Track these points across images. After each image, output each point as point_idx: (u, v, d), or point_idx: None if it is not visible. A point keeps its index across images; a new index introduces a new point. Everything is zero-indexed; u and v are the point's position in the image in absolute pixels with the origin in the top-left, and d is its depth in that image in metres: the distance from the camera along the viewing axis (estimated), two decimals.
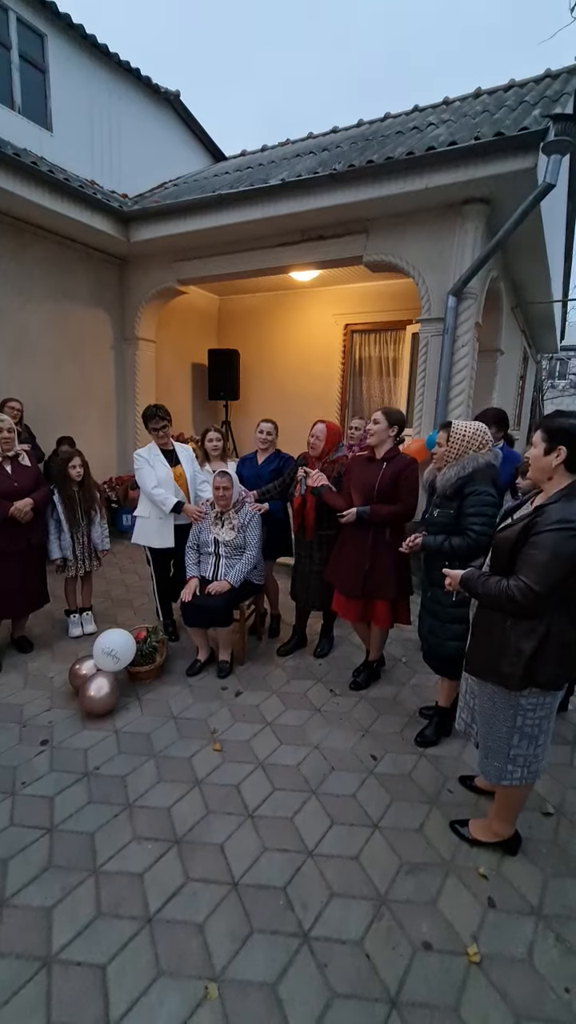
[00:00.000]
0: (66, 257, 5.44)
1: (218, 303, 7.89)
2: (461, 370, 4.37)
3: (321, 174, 4.20)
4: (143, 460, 3.56)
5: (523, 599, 1.57)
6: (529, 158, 3.53)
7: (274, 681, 3.21)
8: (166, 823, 2.10)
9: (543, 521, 1.57)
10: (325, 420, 3.30)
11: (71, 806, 2.18)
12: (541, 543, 1.56)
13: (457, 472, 2.29)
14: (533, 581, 1.55)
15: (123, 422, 6.36)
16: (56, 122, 5.64)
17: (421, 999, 1.50)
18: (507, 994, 1.52)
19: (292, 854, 1.97)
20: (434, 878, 1.89)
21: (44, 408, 5.27)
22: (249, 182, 4.80)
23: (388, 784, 2.35)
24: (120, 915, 1.72)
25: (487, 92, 5.72)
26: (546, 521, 1.56)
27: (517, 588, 1.58)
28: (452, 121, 4.68)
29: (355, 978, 1.55)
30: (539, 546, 1.56)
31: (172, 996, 1.49)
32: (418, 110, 6.22)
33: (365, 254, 4.69)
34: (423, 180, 3.93)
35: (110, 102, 6.26)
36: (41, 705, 2.89)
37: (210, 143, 8.18)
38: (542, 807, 2.24)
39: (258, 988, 1.52)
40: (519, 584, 1.58)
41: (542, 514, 1.59)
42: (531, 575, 1.56)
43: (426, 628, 2.52)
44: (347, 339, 7.04)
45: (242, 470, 3.73)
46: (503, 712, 1.77)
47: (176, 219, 5.11)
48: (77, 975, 1.54)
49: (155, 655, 3.17)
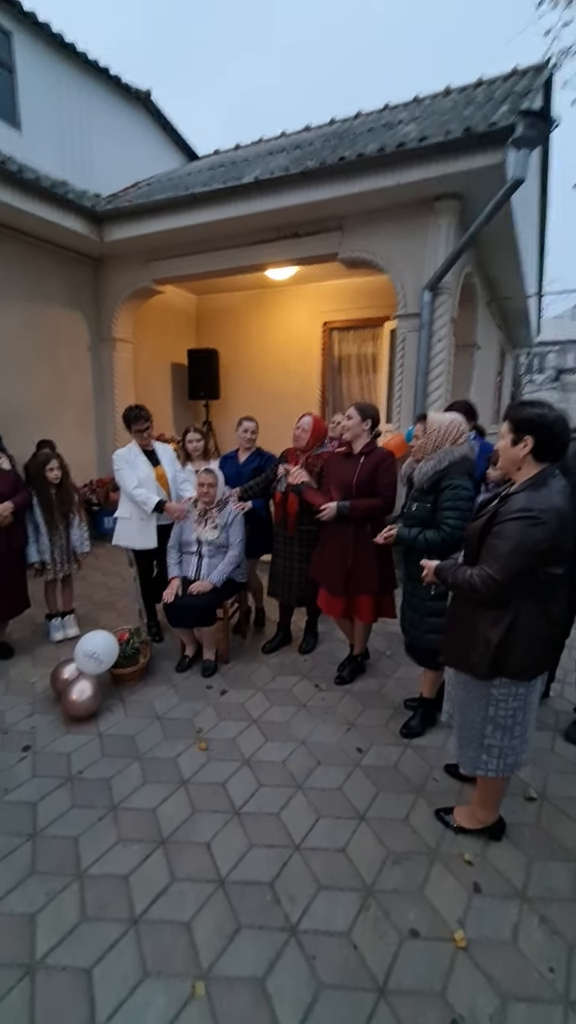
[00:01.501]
0: (39, 258, 5.36)
1: (196, 302, 7.85)
2: (438, 365, 4.41)
3: (294, 172, 4.21)
4: (123, 460, 3.52)
5: (485, 588, 1.59)
6: (498, 153, 3.57)
7: (259, 678, 3.21)
8: (151, 824, 2.09)
9: (506, 510, 1.58)
10: (312, 413, 3.30)
11: (54, 811, 2.15)
12: (503, 532, 1.57)
13: (433, 466, 2.30)
14: (495, 570, 1.57)
15: (102, 424, 6.29)
16: (25, 120, 5.56)
17: (408, 986, 1.51)
18: (493, 976, 1.54)
19: (279, 849, 1.97)
20: (420, 866, 1.90)
21: (18, 411, 5.19)
22: (223, 180, 4.78)
23: (374, 776, 2.36)
24: (105, 918, 1.70)
25: (457, 90, 5.80)
26: (509, 510, 1.58)
27: (479, 577, 1.60)
28: (423, 118, 4.73)
29: (343, 969, 1.56)
30: (501, 535, 1.58)
31: (159, 996, 1.48)
32: (389, 108, 6.27)
33: (340, 251, 4.71)
34: (395, 176, 3.95)
35: (80, 101, 6.19)
36: (23, 711, 2.85)
37: (183, 143, 8.14)
38: (525, 792, 2.27)
39: (246, 983, 1.52)
40: (481, 573, 1.60)
41: (507, 503, 1.61)
42: (493, 564, 1.58)
43: (407, 621, 2.53)
44: (326, 336, 7.05)
45: (223, 468, 3.71)
46: (476, 702, 1.78)
47: (150, 218, 5.07)
48: (62, 980, 1.52)
49: (138, 656, 3.14)
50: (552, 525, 1.55)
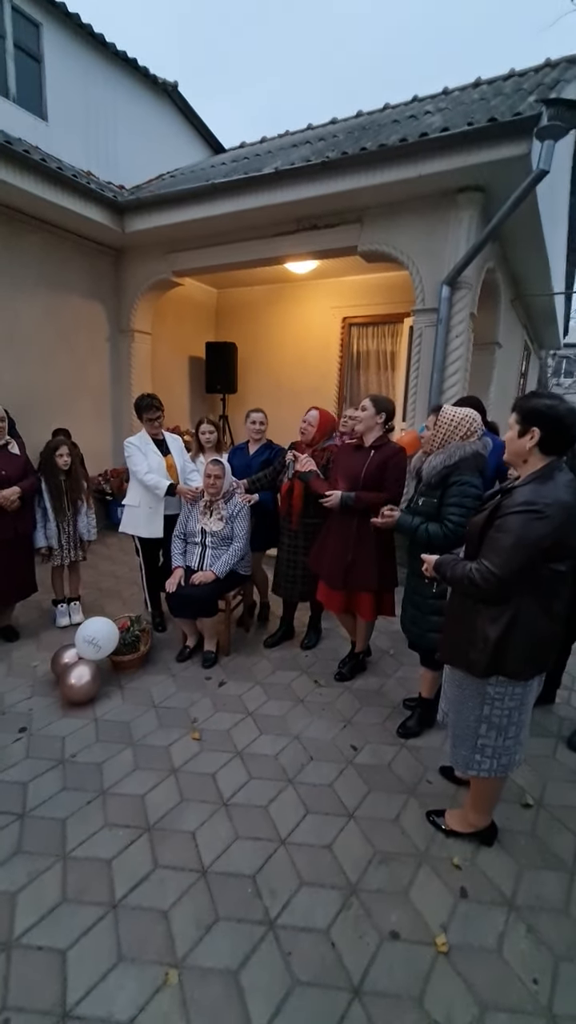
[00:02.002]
0: (60, 247, 5.42)
1: (216, 296, 7.86)
2: (455, 361, 4.32)
3: (314, 162, 4.16)
4: (134, 447, 3.53)
5: (484, 584, 1.53)
6: (523, 144, 3.47)
7: (259, 672, 3.19)
8: (139, 810, 2.08)
9: (509, 503, 1.53)
10: (319, 407, 3.27)
11: (44, 793, 2.16)
12: (505, 526, 1.52)
13: (443, 460, 2.25)
14: (495, 565, 1.51)
15: (118, 414, 6.34)
16: (51, 112, 5.61)
17: (384, 988, 1.47)
18: (473, 984, 1.49)
19: (264, 842, 1.95)
20: (407, 868, 1.86)
21: (37, 398, 5.26)
22: (243, 171, 4.75)
23: (366, 774, 2.32)
24: (85, 901, 1.70)
25: (487, 82, 5.66)
26: (512, 503, 1.52)
27: (478, 572, 1.55)
28: (449, 109, 4.63)
29: (318, 966, 1.53)
30: (503, 529, 1.52)
31: (131, 982, 1.47)
32: (417, 100, 6.17)
33: (360, 244, 4.64)
34: (416, 168, 3.87)
35: (106, 92, 6.23)
36: (23, 693, 2.88)
37: (209, 135, 8.14)
38: (522, 799, 2.20)
39: (219, 975, 1.50)
40: (480, 568, 1.54)
41: (510, 496, 1.55)
42: (494, 559, 1.52)
43: (408, 619, 2.49)
44: (345, 332, 6.99)
45: (232, 460, 3.70)
46: (471, 700, 1.73)
47: (170, 209, 5.07)
48: (37, 959, 1.52)
49: (139, 644, 3.15)
50: (556, 520, 1.49)
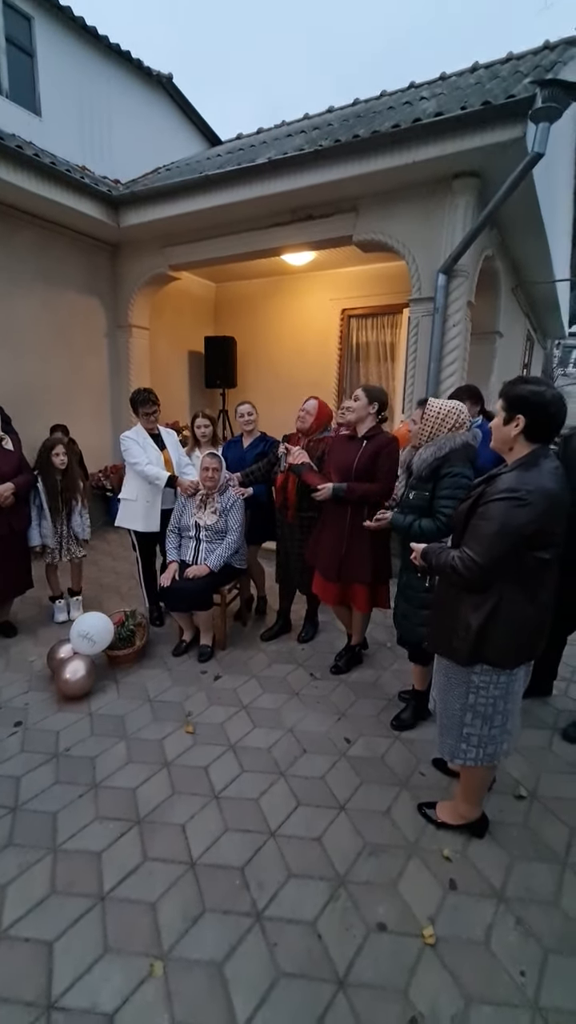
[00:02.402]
0: (56, 243, 5.40)
1: (214, 290, 7.82)
2: (452, 351, 4.26)
3: (307, 151, 4.10)
4: (131, 440, 3.52)
5: (466, 571, 1.51)
6: (517, 127, 3.40)
7: (255, 665, 3.18)
8: (130, 803, 2.09)
9: (492, 491, 1.50)
10: (317, 397, 3.24)
11: (37, 786, 2.17)
12: (487, 513, 1.49)
13: (433, 452, 2.22)
14: (477, 553, 1.49)
15: (117, 411, 6.33)
16: (45, 107, 5.57)
17: (369, 980, 1.47)
18: (459, 976, 1.48)
19: (253, 835, 1.95)
20: (396, 860, 1.85)
21: (35, 394, 5.26)
22: (237, 162, 4.71)
23: (359, 767, 2.31)
24: (73, 893, 1.71)
25: (484, 66, 5.56)
26: (495, 490, 1.49)
27: (460, 560, 1.52)
28: (444, 94, 4.55)
29: (304, 958, 1.52)
30: (485, 516, 1.50)
31: (116, 973, 1.48)
32: (414, 86, 6.06)
33: (355, 233, 4.59)
34: (410, 154, 3.81)
35: (100, 86, 6.18)
36: (19, 688, 2.90)
37: (205, 128, 8.07)
38: (515, 790, 2.19)
39: (204, 967, 1.50)
40: (463, 556, 1.52)
41: (493, 483, 1.52)
42: (475, 547, 1.50)
43: (400, 612, 2.46)
44: (344, 324, 6.93)
45: (227, 453, 3.69)
46: (456, 688, 1.71)
47: (164, 202, 5.03)
48: (23, 951, 1.53)
49: (134, 639, 3.15)
50: (539, 507, 1.46)
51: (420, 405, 2.39)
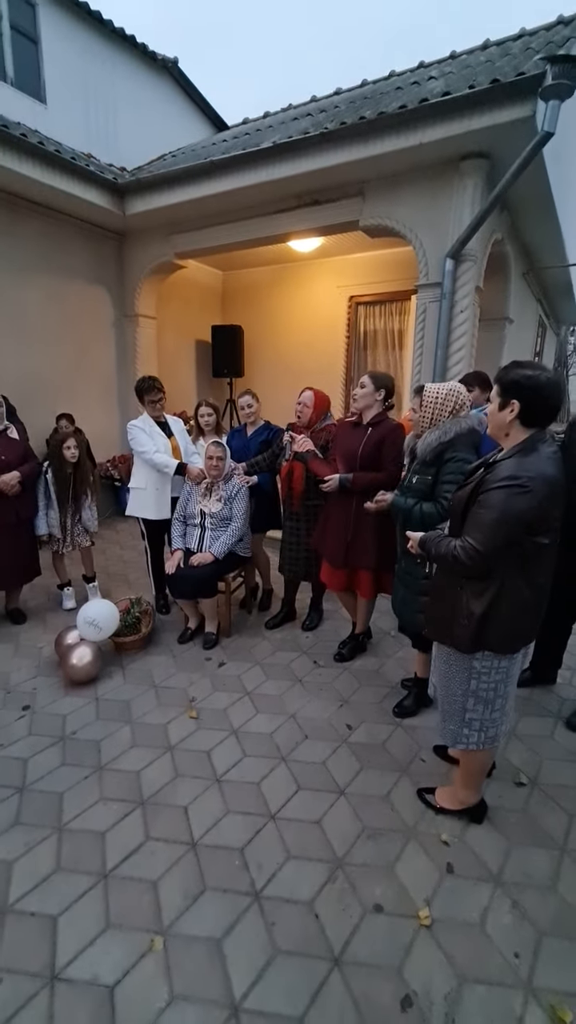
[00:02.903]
0: (62, 232, 5.40)
1: (221, 278, 7.77)
2: (460, 337, 4.21)
3: (312, 134, 4.04)
4: (139, 429, 3.53)
5: (468, 559, 1.51)
6: (527, 106, 3.31)
7: (259, 652, 3.21)
8: (134, 785, 2.13)
9: (492, 478, 1.49)
10: (312, 387, 3.23)
11: (44, 768, 2.22)
12: (488, 501, 1.48)
13: (438, 437, 2.20)
14: (478, 541, 1.49)
15: (124, 400, 6.36)
16: (50, 94, 5.55)
17: (364, 958, 1.49)
18: (454, 957, 1.50)
19: (254, 817, 1.98)
20: (394, 843, 1.87)
21: (42, 384, 5.29)
22: (242, 147, 4.65)
23: (360, 753, 2.33)
24: (77, 870, 1.76)
25: (495, 43, 5.42)
26: (495, 478, 1.48)
27: (462, 548, 1.52)
28: (453, 73, 4.44)
29: (301, 937, 1.55)
30: (486, 504, 1.49)
31: (117, 947, 1.52)
32: (423, 66, 5.94)
33: (361, 218, 4.52)
34: (417, 135, 3.74)
35: (105, 72, 6.13)
36: (27, 673, 2.95)
37: (212, 112, 7.97)
38: (516, 777, 2.19)
39: (203, 942, 1.54)
40: (464, 544, 1.52)
41: (493, 471, 1.51)
42: (476, 535, 1.49)
43: (399, 599, 2.46)
44: (352, 311, 6.86)
45: (231, 442, 3.69)
46: (458, 675, 1.72)
47: (170, 189, 5.00)
48: (29, 924, 1.58)
49: (139, 625, 3.19)
50: (539, 494, 1.45)
51: (417, 393, 2.37)
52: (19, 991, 1.40)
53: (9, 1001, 1.38)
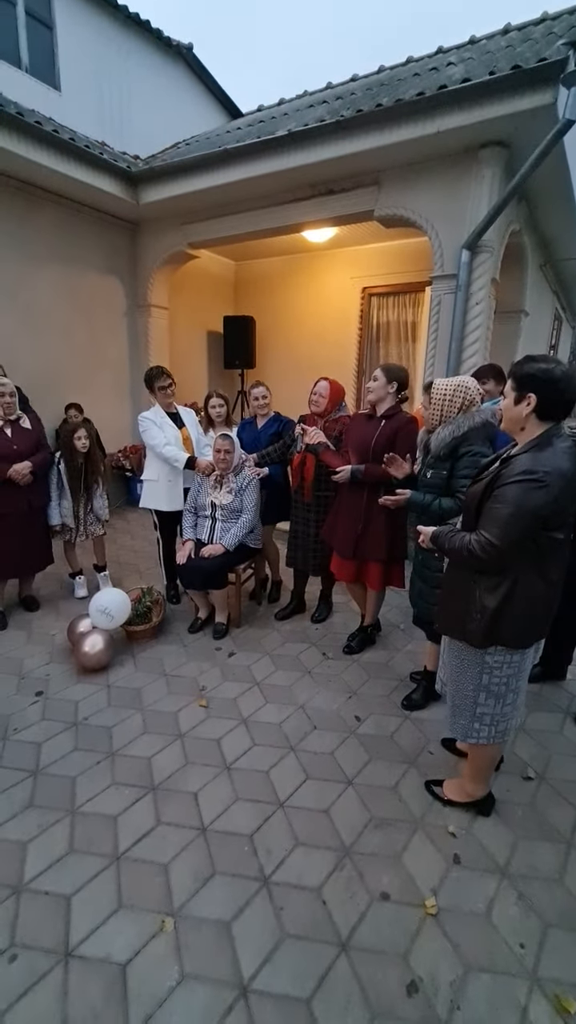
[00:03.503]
0: (76, 221, 5.40)
1: (234, 268, 7.74)
2: (474, 330, 4.16)
3: (328, 122, 3.99)
4: (150, 421, 3.54)
5: (484, 554, 1.50)
6: (548, 93, 3.25)
7: (268, 643, 3.23)
8: (145, 771, 2.17)
9: (508, 473, 1.49)
10: (328, 377, 3.22)
11: (57, 752, 2.27)
12: (504, 496, 1.48)
13: (452, 431, 2.20)
14: (494, 536, 1.48)
15: (136, 391, 6.37)
16: (64, 81, 5.53)
17: (371, 945, 1.52)
18: (459, 945, 1.52)
19: (263, 804, 2.01)
20: (402, 834, 1.89)
21: (55, 374, 5.32)
22: (257, 135, 4.61)
23: (368, 744, 2.35)
24: (90, 852, 1.80)
25: (516, 28, 5.28)
26: (511, 473, 1.48)
27: (478, 543, 1.52)
28: (472, 59, 4.36)
29: (308, 922, 1.58)
30: (502, 499, 1.48)
31: (129, 927, 1.55)
32: (442, 51, 5.82)
33: (376, 208, 4.47)
34: (435, 123, 3.68)
35: (119, 58, 6.09)
36: (41, 659, 3.00)
37: (226, 99, 7.89)
38: (523, 771, 2.20)
39: (213, 924, 1.57)
40: (480, 539, 1.51)
41: (509, 465, 1.51)
42: (492, 529, 1.49)
43: (416, 591, 2.47)
44: (365, 303, 6.80)
45: (242, 434, 3.69)
46: (470, 670, 1.72)
47: (183, 178, 4.97)
48: (43, 903, 1.62)
49: (151, 615, 3.23)
50: (555, 488, 1.45)
51: (426, 390, 2.36)
52: (35, 967, 1.44)
53: (25, 976, 1.42)
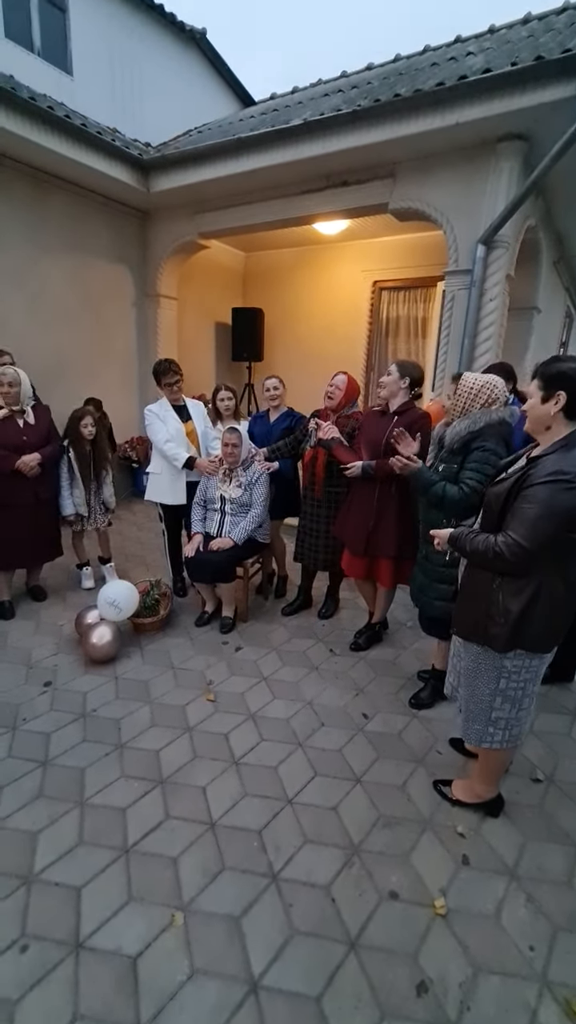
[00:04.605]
0: (86, 209, 5.34)
1: (243, 259, 7.67)
2: (488, 327, 4.12)
3: (344, 111, 3.93)
4: (154, 415, 3.53)
5: (512, 556, 1.49)
6: (571, 85, 3.19)
7: (275, 639, 3.23)
8: (154, 764, 2.17)
9: (537, 473, 1.47)
10: (347, 372, 3.20)
11: (66, 743, 2.27)
12: (533, 496, 1.46)
13: (468, 426, 2.17)
14: (523, 537, 1.46)
15: (144, 381, 6.33)
16: (77, 66, 5.46)
17: (380, 943, 1.52)
18: (468, 946, 1.52)
19: (271, 800, 2.01)
20: (410, 833, 1.89)
21: (63, 363, 5.29)
22: (271, 124, 4.55)
23: (376, 742, 2.35)
24: (100, 844, 1.80)
25: (537, 17, 5.18)
26: (540, 473, 1.46)
27: (505, 544, 1.50)
28: (493, 49, 4.28)
29: (318, 919, 1.58)
30: (531, 500, 1.47)
31: (139, 920, 1.56)
32: (460, 41, 5.71)
33: (391, 201, 4.42)
34: (454, 115, 3.62)
35: (132, 43, 6.00)
36: (48, 650, 3.01)
37: (238, 87, 7.79)
38: (532, 773, 2.20)
39: (222, 920, 1.57)
40: (508, 540, 1.49)
41: (536, 466, 1.49)
42: (521, 530, 1.47)
43: (417, 587, 2.45)
44: (375, 297, 6.74)
45: (253, 428, 3.68)
46: (487, 674, 1.71)
47: (196, 166, 4.91)
48: (54, 894, 1.63)
49: (158, 607, 3.23)
50: None
51: (454, 380, 2.33)
52: (46, 958, 1.45)
53: (36, 967, 1.43)
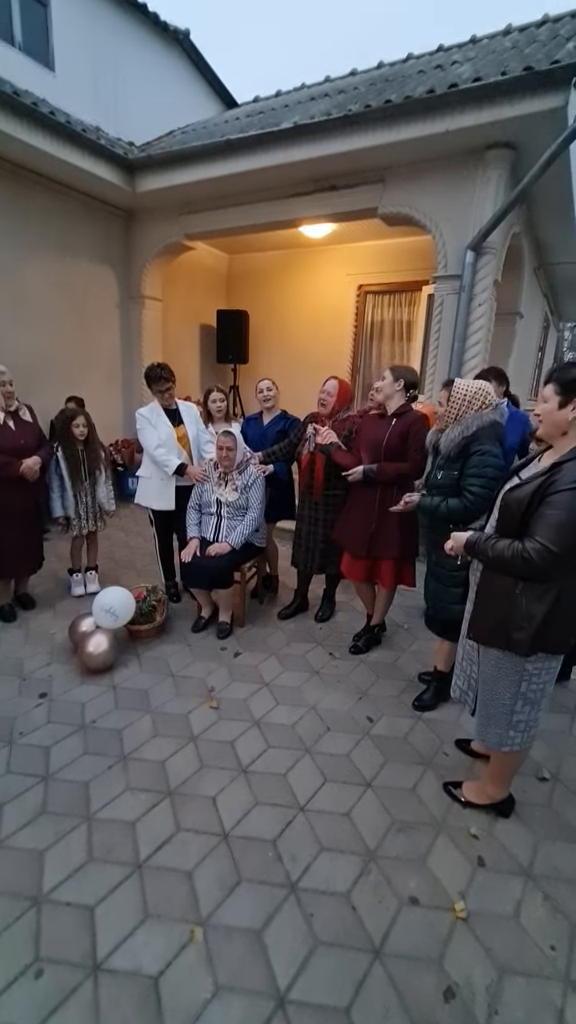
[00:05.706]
0: (69, 208, 5.24)
1: (228, 261, 7.63)
2: (477, 331, 4.19)
3: (335, 116, 3.95)
4: (145, 420, 3.47)
5: (541, 561, 1.49)
6: (560, 96, 3.27)
7: (274, 643, 3.20)
8: (160, 775, 2.12)
9: (562, 480, 1.48)
10: (337, 377, 3.20)
11: (67, 756, 2.20)
12: (559, 503, 1.48)
13: (461, 432, 2.20)
14: (551, 542, 1.48)
15: (129, 383, 6.25)
16: (59, 61, 5.35)
17: (404, 951, 1.51)
18: (491, 949, 1.52)
19: (283, 809, 1.98)
20: (424, 837, 1.89)
21: (45, 365, 5.17)
22: (260, 126, 4.54)
23: (383, 745, 2.34)
24: (111, 860, 1.74)
25: (518, 29, 5.31)
26: (565, 480, 1.48)
27: (534, 550, 1.50)
28: (478, 58, 4.36)
29: (340, 928, 1.56)
30: (557, 506, 1.48)
31: (157, 938, 1.51)
32: (443, 50, 5.81)
33: (380, 206, 4.45)
34: (444, 122, 3.67)
35: (115, 40, 5.92)
36: (41, 660, 2.92)
37: (221, 88, 7.76)
38: (538, 772, 2.22)
39: (243, 933, 1.54)
40: (536, 546, 1.50)
41: (560, 472, 1.50)
42: (549, 535, 1.48)
43: (431, 591, 2.47)
44: (360, 300, 6.79)
45: (247, 431, 3.65)
46: (508, 678, 1.72)
47: (183, 167, 4.87)
48: (66, 915, 1.57)
49: (154, 614, 3.16)
50: None
51: (446, 387, 2.36)
52: (63, 982, 1.39)
53: (53, 992, 1.37)
